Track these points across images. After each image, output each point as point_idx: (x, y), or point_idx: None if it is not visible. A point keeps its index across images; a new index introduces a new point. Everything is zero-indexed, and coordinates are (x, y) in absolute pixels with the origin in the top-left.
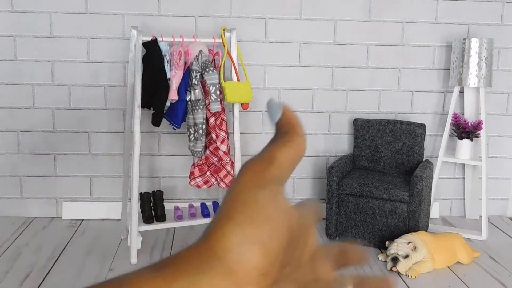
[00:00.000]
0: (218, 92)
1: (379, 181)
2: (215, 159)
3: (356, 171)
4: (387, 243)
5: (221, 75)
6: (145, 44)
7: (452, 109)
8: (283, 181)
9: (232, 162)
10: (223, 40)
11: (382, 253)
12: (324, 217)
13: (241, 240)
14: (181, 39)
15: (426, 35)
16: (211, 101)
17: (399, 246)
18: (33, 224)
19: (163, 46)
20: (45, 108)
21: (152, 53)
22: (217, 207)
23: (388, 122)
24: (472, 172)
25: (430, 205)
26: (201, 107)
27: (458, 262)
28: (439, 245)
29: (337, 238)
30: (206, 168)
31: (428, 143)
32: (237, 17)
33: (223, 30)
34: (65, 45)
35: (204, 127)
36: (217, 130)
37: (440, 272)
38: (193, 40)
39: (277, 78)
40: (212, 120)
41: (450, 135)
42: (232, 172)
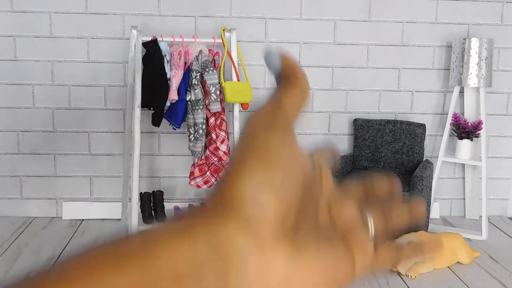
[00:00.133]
0: (218, 92)
1: None
2: (215, 159)
3: (356, 171)
4: None
5: (221, 75)
6: (145, 44)
7: (452, 109)
8: (292, 125)
9: None
10: (223, 40)
11: None
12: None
13: (254, 186)
14: (181, 39)
15: (426, 35)
16: (211, 101)
17: None
18: (33, 224)
19: (163, 46)
20: (45, 108)
21: (152, 53)
22: None
23: (388, 122)
24: (472, 172)
25: (430, 205)
26: (201, 107)
27: (458, 262)
28: None
29: None
30: (206, 168)
31: (428, 143)
32: (237, 17)
33: (223, 30)
34: (65, 45)
35: (204, 127)
36: (217, 130)
37: (440, 272)
38: (193, 40)
39: None
40: (212, 120)
41: (450, 135)
42: None
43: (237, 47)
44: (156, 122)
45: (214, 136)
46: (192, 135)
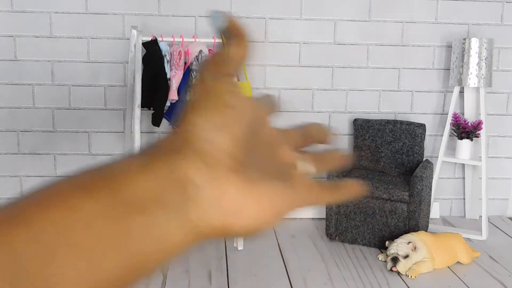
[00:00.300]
0: None
1: (379, 181)
2: None
3: (356, 171)
4: (387, 243)
5: None
6: (145, 44)
7: (452, 109)
8: (236, 74)
9: None
10: (223, 40)
11: (382, 253)
12: (324, 216)
13: (207, 126)
14: (181, 39)
15: (426, 35)
16: None
17: (399, 246)
18: None
19: (163, 46)
20: (45, 108)
21: (152, 53)
22: None
23: (388, 122)
24: (472, 172)
25: (430, 205)
26: None
27: (458, 262)
28: (439, 245)
29: (337, 238)
30: None
31: (428, 143)
32: (237, 17)
33: None
34: (65, 45)
35: None
36: None
37: (440, 272)
38: (193, 40)
39: (277, 78)
40: None
41: (450, 135)
42: None
43: None
44: (156, 122)
45: None
46: None
